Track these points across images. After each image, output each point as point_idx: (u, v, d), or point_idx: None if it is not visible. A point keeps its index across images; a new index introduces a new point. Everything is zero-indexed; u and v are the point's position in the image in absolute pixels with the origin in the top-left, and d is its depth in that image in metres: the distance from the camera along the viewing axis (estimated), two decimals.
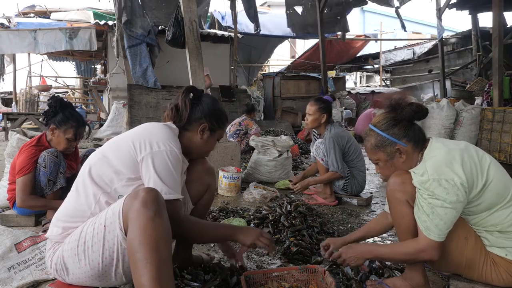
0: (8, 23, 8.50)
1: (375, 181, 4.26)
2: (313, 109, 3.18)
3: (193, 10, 3.89)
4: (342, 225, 2.70)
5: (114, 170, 1.45)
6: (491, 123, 5.20)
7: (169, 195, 1.41)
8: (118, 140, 1.55)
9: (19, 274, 1.80)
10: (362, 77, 20.44)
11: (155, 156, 1.43)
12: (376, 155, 1.58)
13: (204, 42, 6.98)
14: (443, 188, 1.36)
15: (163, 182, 1.41)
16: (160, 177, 1.41)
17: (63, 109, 2.45)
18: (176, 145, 1.49)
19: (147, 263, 1.17)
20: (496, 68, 5.31)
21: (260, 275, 1.66)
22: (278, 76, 10.28)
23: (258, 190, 3.37)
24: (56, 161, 2.39)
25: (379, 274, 1.80)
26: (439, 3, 8.97)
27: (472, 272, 1.51)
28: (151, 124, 1.59)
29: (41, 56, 12.27)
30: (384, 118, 1.57)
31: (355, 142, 3.29)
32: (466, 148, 1.48)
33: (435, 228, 1.38)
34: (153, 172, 1.41)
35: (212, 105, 1.67)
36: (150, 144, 1.45)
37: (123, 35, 7.33)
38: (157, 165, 1.42)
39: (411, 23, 21.30)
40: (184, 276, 1.66)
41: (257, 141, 4.13)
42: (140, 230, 1.21)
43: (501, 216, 1.44)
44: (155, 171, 1.41)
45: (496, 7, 5.32)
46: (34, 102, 11.59)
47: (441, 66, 9.28)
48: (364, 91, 12.52)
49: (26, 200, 2.35)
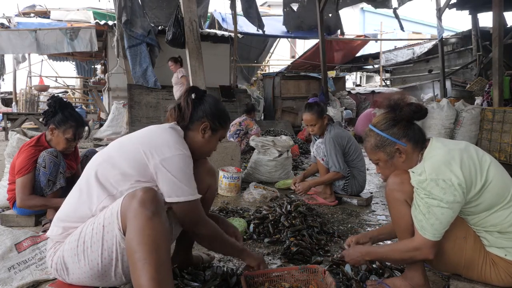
0: (8, 23, 8.51)
1: (375, 181, 4.26)
2: (313, 118, 3.17)
3: (193, 10, 3.89)
4: (342, 225, 2.70)
5: (121, 172, 1.42)
6: (491, 123, 5.20)
7: (190, 196, 1.44)
8: (123, 142, 1.54)
9: (19, 274, 1.80)
10: (362, 77, 20.44)
11: (169, 162, 1.42)
12: (376, 155, 1.59)
13: (204, 42, 6.97)
14: (440, 188, 1.36)
15: (182, 183, 1.43)
16: (178, 179, 1.42)
17: (62, 109, 2.45)
18: (185, 147, 1.51)
19: (146, 263, 1.17)
20: (496, 68, 5.30)
21: (260, 275, 1.66)
22: (278, 76, 10.28)
23: (258, 190, 3.37)
24: (55, 161, 2.39)
25: (379, 274, 1.80)
26: (439, 3, 8.97)
27: (472, 272, 1.51)
28: (157, 127, 1.57)
29: (41, 56, 12.28)
30: (384, 118, 1.57)
31: (355, 142, 3.29)
32: (466, 148, 1.48)
33: (431, 228, 1.38)
34: (170, 176, 1.41)
35: (214, 105, 1.68)
36: (161, 150, 1.43)
37: (123, 35, 7.34)
38: (172, 170, 1.42)
39: (411, 23, 21.29)
40: (184, 276, 1.67)
41: (257, 141, 4.13)
42: (138, 230, 1.21)
43: (500, 217, 1.44)
44: (172, 175, 1.41)
45: (496, 7, 5.32)
46: (34, 102, 11.61)
47: (441, 66, 9.28)
48: (364, 91, 12.52)
49: (26, 200, 2.35)
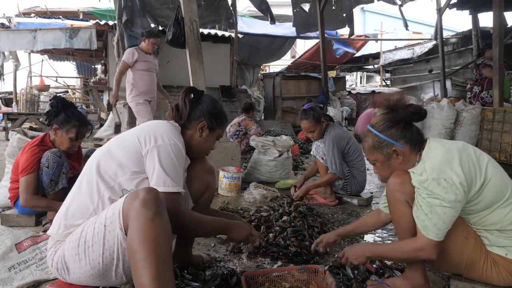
0: (9, 23, 8.51)
1: (376, 181, 4.26)
2: (311, 125, 3.18)
3: (193, 10, 3.89)
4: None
5: (118, 163, 1.47)
6: (492, 123, 5.20)
7: (172, 187, 1.44)
8: (123, 135, 1.59)
9: (20, 274, 1.80)
10: (362, 77, 20.44)
11: (160, 149, 1.46)
12: (373, 155, 1.59)
13: (204, 42, 6.97)
14: (442, 188, 1.37)
15: (167, 174, 1.44)
16: (164, 169, 1.44)
17: (65, 109, 2.46)
18: (179, 140, 1.54)
19: (147, 263, 1.17)
20: (496, 68, 5.30)
21: (260, 275, 1.66)
22: (278, 76, 10.29)
23: (258, 190, 3.37)
24: (59, 161, 2.40)
25: (379, 274, 1.80)
26: (439, 3, 8.96)
27: (473, 272, 1.52)
28: (155, 121, 1.64)
29: (41, 56, 12.28)
30: (382, 119, 1.58)
31: (355, 143, 3.29)
32: (464, 148, 1.49)
33: (434, 227, 1.38)
34: (158, 164, 1.44)
35: (211, 105, 1.72)
36: (154, 138, 1.49)
37: (123, 35, 7.33)
38: (161, 158, 1.45)
39: (412, 23, 21.24)
40: (184, 276, 1.67)
41: (258, 141, 4.13)
42: (140, 230, 1.21)
43: (500, 215, 1.44)
44: (160, 163, 1.44)
45: (497, 7, 5.31)
46: (35, 102, 11.61)
47: (441, 66, 9.26)
48: (364, 91, 12.52)
49: (29, 199, 2.36)
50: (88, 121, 2.57)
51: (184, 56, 4.00)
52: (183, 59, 4.31)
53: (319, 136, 3.24)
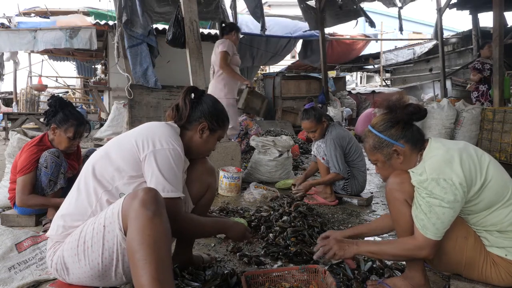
0: (9, 23, 8.51)
1: (376, 181, 4.26)
2: (312, 125, 3.18)
3: (193, 10, 3.89)
4: (343, 225, 2.70)
5: (116, 167, 1.46)
6: (492, 123, 5.19)
7: (171, 192, 1.43)
8: (120, 138, 1.57)
9: (20, 274, 1.80)
10: (362, 77, 20.43)
11: (158, 154, 1.44)
12: (374, 156, 1.60)
13: (204, 42, 6.97)
14: (441, 188, 1.37)
15: (166, 179, 1.42)
16: (162, 175, 1.42)
17: (63, 108, 2.47)
18: (178, 143, 1.51)
19: (147, 263, 1.17)
20: (496, 68, 5.30)
21: (260, 275, 1.66)
22: (278, 76, 10.28)
23: (258, 190, 3.37)
24: (57, 161, 2.39)
25: (379, 274, 1.80)
26: (439, 3, 8.95)
27: (472, 272, 1.52)
28: (153, 123, 1.61)
29: (41, 56, 12.27)
30: (382, 120, 1.58)
31: (356, 142, 3.29)
32: (465, 148, 1.49)
33: (432, 227, 1.38)
34: (156, 170, 1.42)
35: (212, 105, 1.69)
36: (152, 142, 1.46)
37: (124, 35, 7.33)
38: (160, 163, 1.43)
39: (412, 23, 21.29)
40: (184, 276, 1.67)
41: (258, 141, 4.13)
42: (139, 230, 1.21)
43: (500, 216, 1.44)
44: (158, 169, 1.42)
45: (497, 7, 5.31)
46: (35, 102, 11.61)
47: (441, 66, 9.25)
48: (364, 91, 12.51)
49: (25, 199, 2.36)
50: (85, 120, 2.57)
51: (184, 56, 4.00)
52: (183, 59, 4.30)
53: (320, 136, 3.24)
